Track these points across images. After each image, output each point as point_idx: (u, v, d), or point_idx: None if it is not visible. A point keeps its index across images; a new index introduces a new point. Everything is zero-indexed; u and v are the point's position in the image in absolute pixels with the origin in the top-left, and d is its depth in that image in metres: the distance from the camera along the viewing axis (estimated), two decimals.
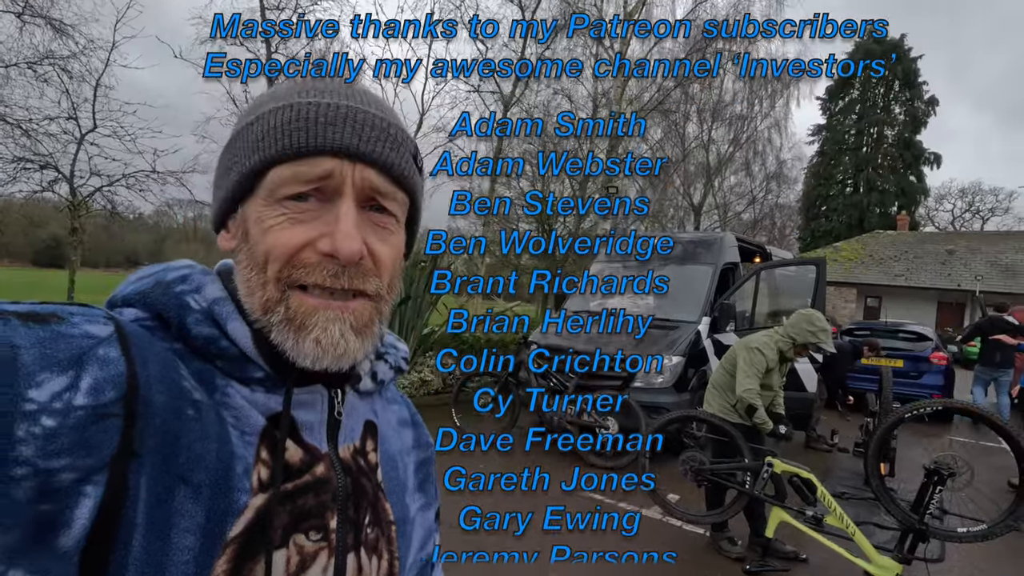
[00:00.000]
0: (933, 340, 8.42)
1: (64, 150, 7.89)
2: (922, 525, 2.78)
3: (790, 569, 3.23)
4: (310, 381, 0.51)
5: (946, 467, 2.80)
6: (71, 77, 7.96)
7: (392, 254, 0.50)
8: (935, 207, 36.17)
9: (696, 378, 5.39)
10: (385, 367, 0.62)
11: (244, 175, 0.47)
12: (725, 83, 17.84)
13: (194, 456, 0.41)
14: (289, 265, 0.45)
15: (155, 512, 0.38)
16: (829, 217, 31.47)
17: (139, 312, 0.46)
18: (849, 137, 31.79)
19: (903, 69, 30.65)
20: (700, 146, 20.16)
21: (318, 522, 0.48)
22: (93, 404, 0.35)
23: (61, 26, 7.80)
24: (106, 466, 0.35)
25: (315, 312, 0.46)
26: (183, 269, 0.50)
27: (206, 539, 0.40)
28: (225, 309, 0.48)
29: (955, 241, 22.87)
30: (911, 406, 2.93)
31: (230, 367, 0.47)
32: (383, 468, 0.58)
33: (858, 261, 22.53)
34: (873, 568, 2.89)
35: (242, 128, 0.48)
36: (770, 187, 22.86)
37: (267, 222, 0.46)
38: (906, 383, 7.95)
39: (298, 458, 0.48)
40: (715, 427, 3.41)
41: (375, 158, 0.47)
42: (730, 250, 6.42)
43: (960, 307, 20.58)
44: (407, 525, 0.60)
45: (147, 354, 0.41)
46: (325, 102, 0.46)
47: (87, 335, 0.38)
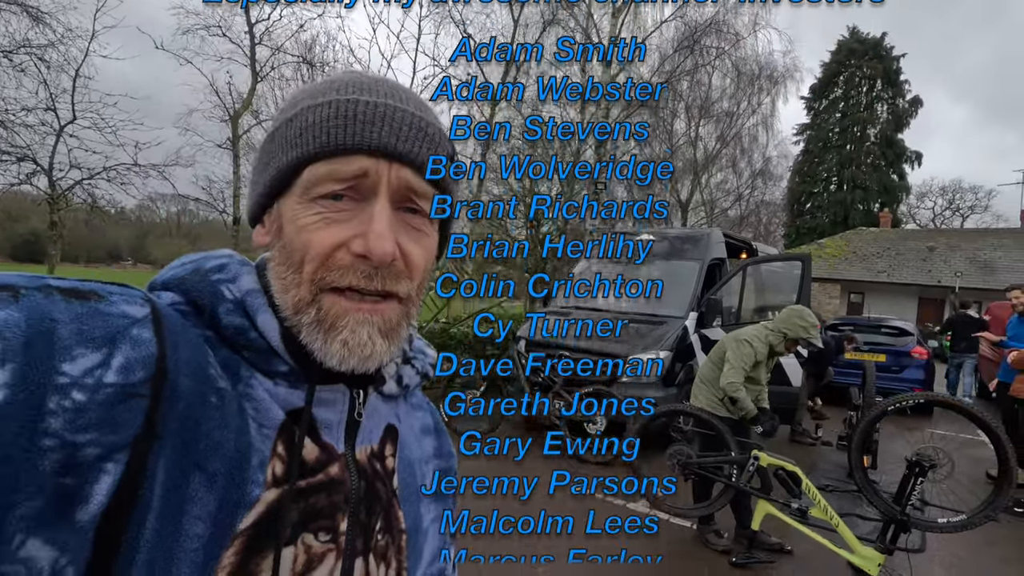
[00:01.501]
0: (914, 335, 8.57)
1: (42, 142, 7.72)
2: (904, 516, 2.83)
3: (775, 560, 3.28)
4: (334, 380, 0.50)
5: (927, 459, 2.85)
6: (48, 67, 7.77)
7: (425, 256, 0.50)
8: (916, 205, 36.85)
9: (683, 373, 5.43)
10: (412, 372, 0.61)
11: (281, 171, 0.47)
12: (713, 80, 17.94)
13: (212, 444, 0.40)
14: (324, 267, 0.45)
15: (170, 496, 0.38)
16: (814, 214, 31.87)
17: (176, 297, 0.47)
18: (833, 135, 32.18)
19: (885, 68, 31.08)
20: (688, 143, 20.27)
21: (328, 523, 0.47)
22: (122, 382, 0.36)
23: (38, 14, 7.60)
24: (128, 445, 0.36)
25: (346, 314, 0.46)
26: (222, 258, 0.50)
27: (216, 528, 0.40)
28: (257, 301, 0.48)
29: (935, 238, 23.28)
30: (893, 399, 2.97)
31: (256, 359, 0.47)
32: (400, 474, 0.57)
33: (842, 257, 22.85)
34: (856, 558, 2.94)
35: (281, 124, 0.48)
36: (756, 184, 23.08)
37: (302, 220, 0.46)
38: (888, 377, 8.09)
39: (314, 456, 0.48)
40: (702, 421, 3.44)
41: (412, 158, 0.47)
42: (717, 246, 6.46)
43: (940, 303, 20.97)
44: (419, 535, 0.58)
45: (179, 338, 0.41)
46: (364, 99, 0.46)
47: (123, 315, 0.38)
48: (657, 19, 14.77)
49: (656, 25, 14.63)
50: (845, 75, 32.08)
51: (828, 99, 32.71)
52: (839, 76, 32.23)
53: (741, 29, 14.88)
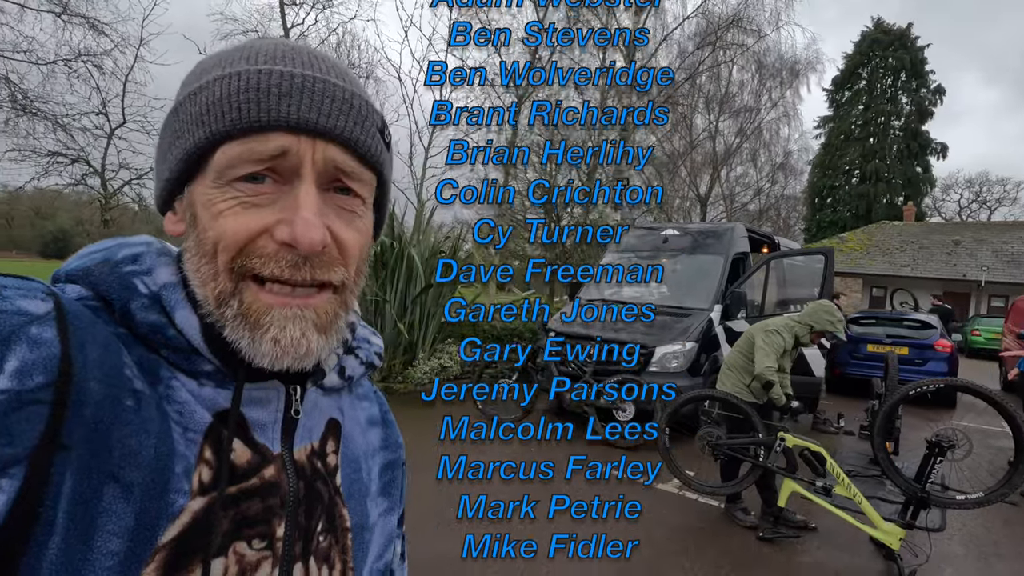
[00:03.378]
0: (937, 328, 8.61)
1: (95, 143, 8.20)
2: (923, 493, 3.01)
3: (800, 536, 3.48)
4: (266, 377, 0.47)
5: (947, 439, 3.03)
6: (102, 73, 8.29)
7: (359, 240, 0.46)
8: (942, 198, 36.22)
9: (708, 363, 5.62)
10: (355, 362, 0.57)
11: (189, 152, 0.42)
12: (733, 74, 17.91)
13: (128, 452, 0.37)
14: (242, 254, 0.41)
15: (78, 512, 0.34)
16: (835, 208, 31.55)
17: (83, 291, 0.43)
18: (855, 128, 31.76)
19: (910, 59, 30.55)
20: (707, 137, 20.27)
21: (263, 529, 0.45)
22: (17, 389, 0.32)
23: (98, 24, 8.12)
24: (27, 458, 0.32)
25: (269, 310, 0.42)
26: (138, 247, 0.46)
27: (134, 543, 0.37)
28: (174, 296, 0.44)
29: (961, 232, 22.94)
30: (915, 384, 3.14)
31: (177, 358, 0.43)
32: (344, 471, 0.54)
33: (864, 252, 22.65)
34: (879, 534, 3.13)
35: (185, 98, 0.43)
36: (776, 178, 22.99)
37: (217, 206, 0.41)
38: (911, 370, 8.16)
39: (246, 459, 0.45)
40: (729, 404, 3.65)
41: (337, 134, 0.43)
42: (740, 240, 6.63)
43: (966, 297, 20.71)
44: (366, 532, 0.56)
45: (86, 337, 0.37)
46: (278, 69, 0.42)
47: (19, 311, 0.35)
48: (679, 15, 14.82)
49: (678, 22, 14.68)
50: (869, 66, 31.60)
51: (851, 91, 32.27)
52: (862, 67, 31.76)
53: (764, 24, 14.86)
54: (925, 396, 3.20)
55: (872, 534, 3.17)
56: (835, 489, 3.28)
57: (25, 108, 8.09)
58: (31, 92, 8.13)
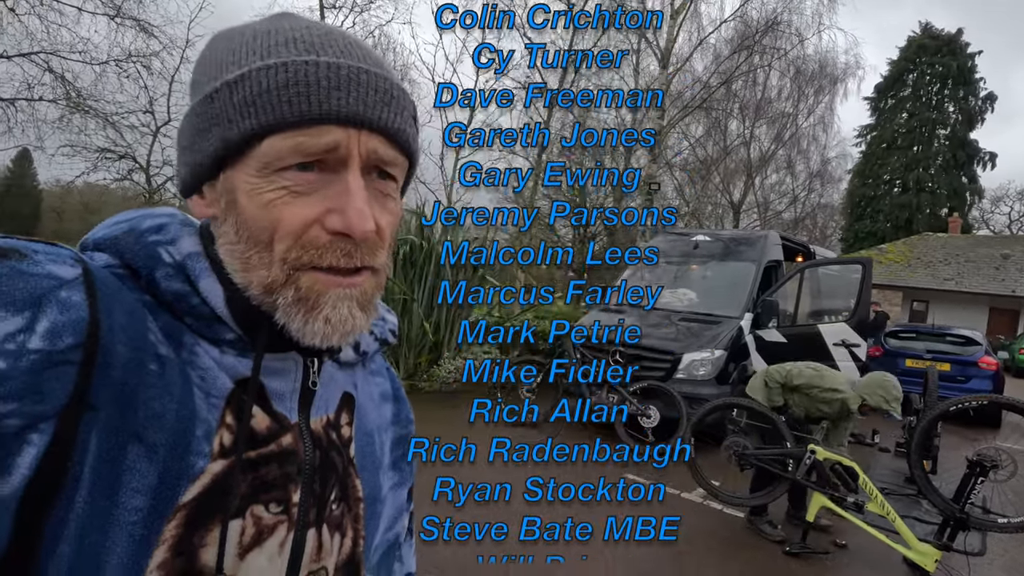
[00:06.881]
0: (982, 345, 8.26)
1: (141, 140, 8.60)
2: (962, 514, 2.89)
3: (829, 552, 3.38)
4: (284, 348, 0.48)
5: (989, 459, 2.90)
6: (151, 73, 8.72)
7: (393, 222, 0.48)
8: (991, 210, 34.61)
9: (737, 372, 5.51)
10: (370, 339, 0.60)
11: (229, 141, 0.42)
12: (770, 79, 17.56)
13: (152, 413, 0.39)
14: (297, 246, 0.42)
15: (104, 469, 0.36)
16: (874, 218, 30.53)
17: (110, 259, 0.44)
18: (898, 136, 30.73)
19: (958, 66, 29.44)
20: (742, 143, 19.90)
21: (280, 494, 0.46)
22: (48, 349, 0.34)
23: (149, 26, 8.56)
24: (56, 415, 0.34)
25: (327, 291, 0.44)
26: (162, 218, 0.47)
27: (157, 501, 0.39)
28: (198, 265, 0.45)
29: (1011, 245, 21.92)
30: (956, 399, 3.03)
31: (200, 326, 0.45)
32: (357, 443, 0.56)
33: (904, 264, 21.88)
34: (913, 554, 3.01)
35: (222, 86, 0.42)
36: (812, 186, 22.40)
37: (265, 195, 0.42)
38: (953, 388, 7.83)
39: (265, 426, 0.47)
40: (756, 414, 3.57)
41: (382, 126, 0.44)
42: (774, 248, 6.48)
43: (1014, 314, 19.79)
44: (377, 504, 0.58)
45: (113, 302, 0.39)
46: (324, 61, 0.42)
47: (50, 275, 0.36)
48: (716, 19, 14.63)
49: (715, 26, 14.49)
50: (915, 73, 30.58)
51: (895, 98, 31.27)
52: (908, 74, 30.76)
53: (803, 29, 14.54)
54: (967, 413, 3.09)
55: (905, 554, 3.05)
56: (867, 506, 3.18)
57: (78, 105, 8.62)
58: (84, 90, 8.69)
